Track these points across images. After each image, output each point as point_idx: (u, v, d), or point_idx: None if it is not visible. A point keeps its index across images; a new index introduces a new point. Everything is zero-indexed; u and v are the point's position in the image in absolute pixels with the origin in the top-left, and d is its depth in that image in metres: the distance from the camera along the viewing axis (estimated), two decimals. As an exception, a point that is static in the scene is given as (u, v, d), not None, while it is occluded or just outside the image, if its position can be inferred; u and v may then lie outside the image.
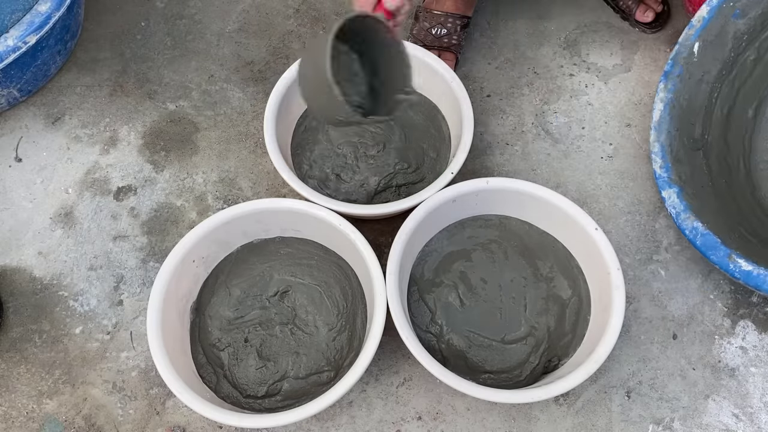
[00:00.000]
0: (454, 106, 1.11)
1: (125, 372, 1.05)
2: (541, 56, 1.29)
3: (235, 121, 1.24)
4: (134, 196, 1.18)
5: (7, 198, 1.17)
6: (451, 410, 1.01)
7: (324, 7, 1.35)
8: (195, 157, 1.21)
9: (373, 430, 1.00)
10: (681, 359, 1.04)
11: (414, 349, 0.91)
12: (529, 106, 1.23)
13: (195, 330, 1.02)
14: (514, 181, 1.02)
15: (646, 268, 1.10)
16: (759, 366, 1.04)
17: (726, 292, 1.08)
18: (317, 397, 0.89)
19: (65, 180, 1.19)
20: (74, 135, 1.23)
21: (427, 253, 1.05)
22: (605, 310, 0.95)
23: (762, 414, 1.01)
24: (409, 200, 1.01)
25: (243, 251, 1.06)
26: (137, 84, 1.28)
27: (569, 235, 1.03)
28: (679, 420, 1.00)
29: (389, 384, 1.03)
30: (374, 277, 0.95)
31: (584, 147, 1.20)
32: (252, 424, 0.89)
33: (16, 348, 1.06)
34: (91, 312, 1.09)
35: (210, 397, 0.95)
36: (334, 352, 1.00)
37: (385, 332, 0.92)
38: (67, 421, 1.02)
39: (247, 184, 1.18)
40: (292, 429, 1.01)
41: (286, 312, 1.02)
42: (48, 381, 1.04)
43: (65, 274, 1.11)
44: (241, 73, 1.28)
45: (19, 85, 1.17)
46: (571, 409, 1.01)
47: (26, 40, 1.08)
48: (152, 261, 1.12)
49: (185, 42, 1.32)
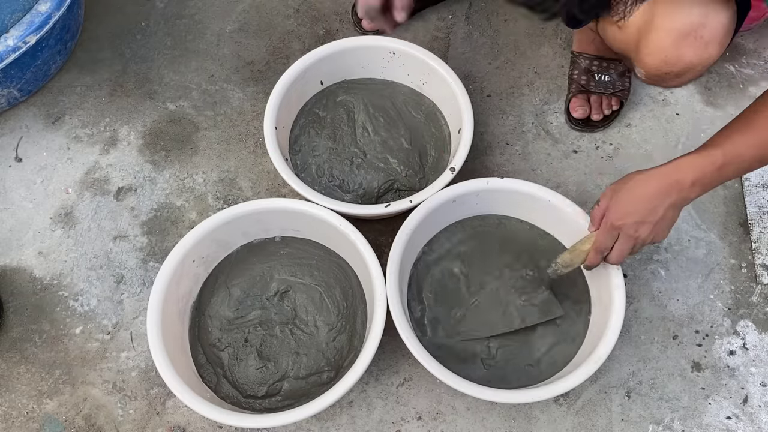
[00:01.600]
0: (454, 106, 1.11)
1: (125, 372, 1.04)
2: (541, 56, 1.28)
3: (235, 121, 1.24)
4: (134, 196, 1.18)
5: (7, 198, 1.17)
6: (451, 410, 1.01)
7: (324, 7, 1.35)
8: (195, 157, 1.21)
9: (373, 430, 1.00)
10: (681, 359, 1.04)
11: (414, 349, 0.91)
12: (529, 106, 1.23)
13: (195, 330, 1.02)
14: (514, 181, 1.02)
15: (646, 268, 1.10)
16: (759, 366, 1.04)
17: (726, 292, 1.08)
18: (317, 397, 0.89)
19: (65, 180, 1.19)
20: (74, 135, 1.23)
21: (427, 253, 1.05)
22: (605, 310, 0.95)
23: (762, 414, 1.01)
24: (410, 200, 1.02)
25: (243, 251, 1.06)
26: (137, 84, 1.28)
27: (569, 235, 1.03)
28: (679, 420, 1.00)
29: (389, 384, 1.03)
30: (374, 277, 0.95)
31: (584, 147, 1.20)
32: (252, 424, 0.89)
33: (16, 348, 1.06)
34: (91, 312, 1.09)
35: (210, 397, 0.95)
36: (334, 352, 1.00)
37: (385, 332, 0.92)
38: (67, 421, 1.02)
39: (247, 184, 1.18)
40: (292, 429, 1.01)
41: (286, 312, 1.02)
42: (48, 381, 1.04)
43: (65, 274, 1.11)
44: (241, 73, 1.28)
45: (19, 85, 1.17)
46: (571, 409, 1.01)
47: (26, 40, 1.08)
48: (152, 261, 1.12)
49: (185, 42, 1.32)
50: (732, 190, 1.16)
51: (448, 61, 1.25)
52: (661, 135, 1.21)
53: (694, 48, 0.82)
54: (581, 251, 0.93)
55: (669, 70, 0.86)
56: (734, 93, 1.23)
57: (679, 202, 0.84)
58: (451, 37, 1.31)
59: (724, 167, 0.81)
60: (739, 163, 0.81)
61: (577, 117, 1.19)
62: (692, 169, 0.82)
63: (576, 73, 1.20)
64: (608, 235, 0.88)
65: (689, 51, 0.82)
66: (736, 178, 0.82)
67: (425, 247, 1.05)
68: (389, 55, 1.16)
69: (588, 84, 1.19)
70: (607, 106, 1.19)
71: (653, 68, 0.86)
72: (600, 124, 1.20)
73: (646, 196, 0.83)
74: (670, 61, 0.84)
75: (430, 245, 1.06)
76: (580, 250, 0.93)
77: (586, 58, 1.19)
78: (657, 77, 0.88)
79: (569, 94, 1.21)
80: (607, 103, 1.19)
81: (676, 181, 0.82)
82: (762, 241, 1.11)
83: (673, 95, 1.24)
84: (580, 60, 1.19)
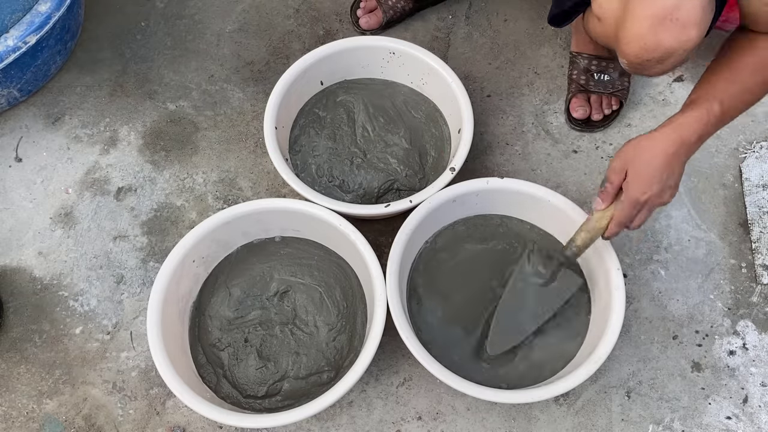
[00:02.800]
0: (454, 106, 1.11)
1: (125, 372, 1.04)
2: (541, 56, 1.28)
3: (235, 121, 1.24)
4: (134, 196, 1.17)
5: (7, 198, 1.17)
6: (451, 410, 1.01)
7: (324, 7, 1.35)
8: (195, 157, 1.21)
9: (373, 430, 1.00)
10: (681, 359, 1.04)
11: (414, 349, 0.91)
12: (529, 106, 1.23)
13: (195, 330, 1.02)
14: (514, 181, 1.02)
15: (646, 268, 1.10)
16: (759, 366, 1.04)
17: (726, 292, 1.08)
18: (317, 397, 0.89)
19: (65, 180, 1.19)
20: (74, 135, 1.23)
21: (428, 252, 1.05)
22: (605, 310, 0.95)
23: (762, 414, 1.01)
24: (410, 200, 1.02)
25: (243, 251, 1.06)
26: (137, 84, 1.28)
27: (569, 234, 1.03)
28: (679, 420, 1.00)
29: (389, 384, 1.03)
30: (374, 277, 0.95)
31: (584, 147, 1.20)
32: (252, 424, 0.89)
33: (16, 348, 1.06)
34: (91, 312, 1.09)
35: (210, 397, 0.95)
36: (334, 352, 1.00)
37: (385, 332, 0.92)
38: (67, 421, 1.02)
39: (247, 184, 1.18)
40: (292, 429, 1.01)
41: (286, 312, 1.02)
42: (48, 381, 1.04)
43: (65, 274, 1.11)
44: (241, 73, 1.28)
45: (19, 85, 1.17)
46: (571, 409, 1.01)
47: (26, 40, 1.07)
48: (152, 261, 1.12)
49: (185, 42, 1.32)
50: (732, 190, 1.16)
51: (448, 61, 1.25)
52: (661, 135, 1.21)
53: (671, 32, 0.81)
54: (598, 228, 0.92)
55: (650, 57, 0.85)
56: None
57: (687, 158, 0.88)
58: (451, 37, 1.31)
59: (722, 117, 0.87)
60: (733, 113, 0.88)
61: (578, 117, 1.19)
62: (695, 125, 0.86)
63: (575, 73, 1.20)
64: (633, 210, 0.89)
65: (667, 35, 0.82)
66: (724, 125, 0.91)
67: (425, 247, 1.05)
68: (389, 55, 1.16)
69: (587, 84, 1.19)
70: (607, 105, 1.19)
71: (633, 56, 0.86)
72: (600, 124, 1.20)
73: (662, 164, 0.86)
74: (649, 47, 0.83)
75: (431, 245, 1.06)
76: (597, 228, 0.92)
77: (585, 58, 1.19)
78: (639, 65, 0.87)
79: (569, 94, 1.21)
80: (607, 102, 1.19)
81: (682, 140, 0.86)
82: (762, 241, 1.11)
83: (673, 95, 1.24)
84: (579, 60, 1.19)
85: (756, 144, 1.19)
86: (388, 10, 1.28)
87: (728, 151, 1.19)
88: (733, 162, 1.18)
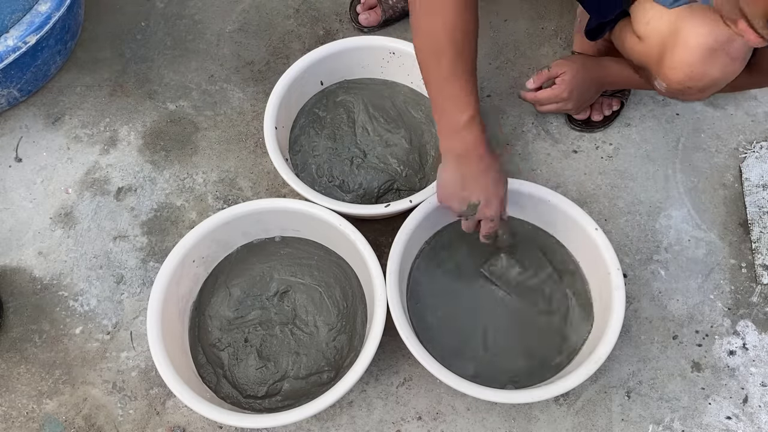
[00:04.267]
0: (454, 106, 1.10)
1: (125, 372, 1.04)
2: (541, 56, 1.28)
3: (235, 121, 1.24)
4: (134, 196, 1.17)
5: (7, 198, 1.17)
6: (451, 410, 1.01)
7: (324, 7, 1.35)
8: (195, 157, 1.21)
9: (373, 430, 1.00)
10: (681, 359, 1.04)
11: (414, 349, 0.91)
12: (529, 106, 1.23)
13: (195, 330, 1.02)
14: (514, 181, 1.02)
15: (646, 268, 1.10)
16: (759, 366, 1.04)
17: (726, 292, 1.08)
18: (317, 397, 0.89)
19: (65, 180, 1.19)
20: (74, 135, 1.23)
21: (428, 252, 1.05)
22: (605, 310, 0.95)
23: (762, 414, 1.01)
24: (410, 200, 1.02)
25: (243, 251, 1.06)
26: (137, 84, 1.28)
27: (569, 235, 1.03)
28: (679, 420, 1.00)
29: (389, 384, 1.03)
30: (374, 277, 0.95)
31: (584, 147, 1.20)
32: (252, 424, 0.89)
33: (16, 348, 1.06)
34: (91, 312, 1.09)
35: (210, 397, 0.95)
36: (334, 352, 1.00)
37: (385, 332, 0.92)
38: (67, 421, 1.02)
39: (247, 184, 1.18)
40: (292, 429, 1.01)
41: (286, 312, 1.02)
42: (48, 381, 1.04)
43: (65, 274, 1.11)
44: (241, 73, 1.28)
45: (19, 85, 1.17)
46: (571, 409, 1.01)
47: (26, 40, 1.08)
48: (152, 261, 1.12)
49: (185, 42, 1.32)
50: (732, 190, 1.16)
51: (448, 61, 1.25)
52: (661, 135, 1.21)
53: (721, 64, 0.81)
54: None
55: (693, 85, 0.84)
56: (734, 93, 1.23)
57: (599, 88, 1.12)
58: (451, 37, 1.31)
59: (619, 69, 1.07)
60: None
61: (578, 118, 1.19)
62: (613, 68, 1.08)
63: None
64: (557, 96, 1.11)
65: (716, 67, 0.81)
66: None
67: (425, 247, 1.05)
68: (389, 55, 1.16)
69: None
70: (608, 106, 1.19)
71: (677, 82, 0.85)
72: (600, 124, 1.20)
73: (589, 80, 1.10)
74: (695, 76, 0.82)
75: (431, 245, 1.06)
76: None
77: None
78: (679, 91, 0.87)
79: None
80: (607, 103, 1.19)
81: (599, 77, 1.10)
82: (762, 241, 1.11)
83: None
84: None
85: (756, 144, 1.19)
86: (387, 9, 1.28)
87: (728, 151, 1.19)
88: (733, 162, 1.18)
